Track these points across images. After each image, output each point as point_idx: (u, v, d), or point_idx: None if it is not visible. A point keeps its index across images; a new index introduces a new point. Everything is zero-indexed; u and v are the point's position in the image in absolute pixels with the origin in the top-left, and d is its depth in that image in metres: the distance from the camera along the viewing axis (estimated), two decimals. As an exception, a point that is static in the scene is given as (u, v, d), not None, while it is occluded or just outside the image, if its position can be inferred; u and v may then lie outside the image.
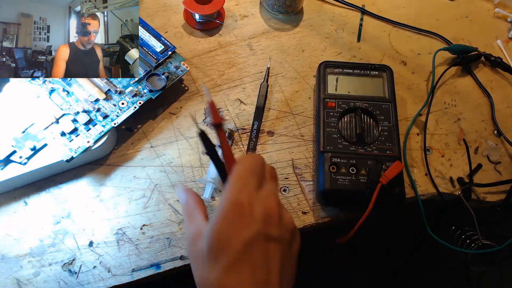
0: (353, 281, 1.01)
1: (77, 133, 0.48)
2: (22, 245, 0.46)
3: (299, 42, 0.62)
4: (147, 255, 0.46)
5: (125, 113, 0.50)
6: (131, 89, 0.52)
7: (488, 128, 0.56)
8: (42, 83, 0.51)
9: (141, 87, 0.52)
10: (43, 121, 0.49)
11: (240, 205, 0.29)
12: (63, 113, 0.49)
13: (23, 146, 0.47)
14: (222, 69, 0.59)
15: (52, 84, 0.51)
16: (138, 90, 0.52)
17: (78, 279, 0.45)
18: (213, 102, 0.35)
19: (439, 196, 0.51)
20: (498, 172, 0.53)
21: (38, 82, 0.51)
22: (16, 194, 0.48)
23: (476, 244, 0.49)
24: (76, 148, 0.47)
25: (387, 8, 0.67)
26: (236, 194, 0.30)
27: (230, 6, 0.65)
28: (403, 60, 0.62)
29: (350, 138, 0.49)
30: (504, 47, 0.63)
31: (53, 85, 0.51)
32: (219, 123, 0.35)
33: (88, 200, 0.49)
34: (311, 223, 0.48)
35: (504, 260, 0.53)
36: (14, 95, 0.51)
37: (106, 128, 0.49)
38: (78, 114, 0.49)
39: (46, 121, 0.49)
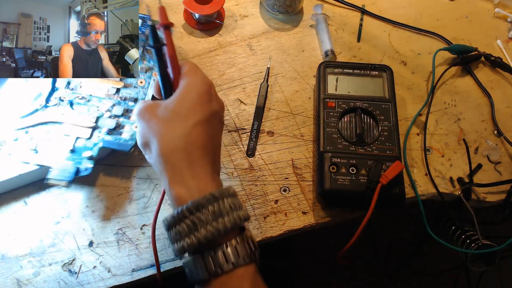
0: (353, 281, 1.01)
1: (122, 126, 0.50)
2: (22, 245, 0.46)
3: (299, 42, 0.62)
4: (147, 255, 0.46)
5: (150, 88, 0.52)
6: (140, 67, 0.53)
7: (488, 128, 0.56)
8: (58, 102, 0.50)
9: (146, 62, 0.53)
10: (83, 133, 0.49)
11: (209, 86, 0.40)
12: (96, 116, 0.50)
13: (81, 161, 0.47)
14: (222, 69, 0.59)
15: (65, 97, 0.51)
16: (146, 65, 0.53)
17: (78, 279, 0.45)
18: (164, 8, 0.40)
19: (439, 196, 0.51)
20: (498, 172, 0.53)
21: (53, 101, 0.50)
22: (16, 194, 0.48)
23: (476, 244, 0.49)
24: (130, 136, 0.49)
25: (387, 8, 0.67)
26: (205, 78, 0.40)
27: (230, 6, 0.65)
28: (403, 60, 0.62)
29: (350, 138, 0.49)
30: (504, 47, 0.63)
31: (67, 97, 0.51)
32: (167, 24, 0.40)
33: (88, 200, 0.49)
34: (311, 223, 0.48)
35: (504, 260, 0.53)
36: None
37: None
38: (112, 109, 0.50)
39: (86, 132, 0.49)
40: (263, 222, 0.48)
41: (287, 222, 0.48)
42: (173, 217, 0.35)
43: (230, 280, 0.34)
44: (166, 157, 0.37)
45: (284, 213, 0.49)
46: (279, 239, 0.49)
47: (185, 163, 0.36)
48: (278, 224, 0.48)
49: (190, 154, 0.37)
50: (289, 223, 0.48)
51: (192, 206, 0.34)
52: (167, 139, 0.37)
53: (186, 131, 0.37)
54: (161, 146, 0.37)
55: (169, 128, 0.38)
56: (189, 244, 0.34)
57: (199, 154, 0.37)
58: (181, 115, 0.38)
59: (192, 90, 0.39)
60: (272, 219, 0.49)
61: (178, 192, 0.36)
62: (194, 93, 0.39)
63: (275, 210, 0.49)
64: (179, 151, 0.37)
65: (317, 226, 0.49)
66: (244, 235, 0.36)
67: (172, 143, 0.37)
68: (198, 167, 0.37)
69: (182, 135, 0.37)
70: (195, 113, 0.38)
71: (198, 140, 0.37)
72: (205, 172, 0.37)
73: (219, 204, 0.35)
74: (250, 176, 0.51)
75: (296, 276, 0.97)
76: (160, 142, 0.37)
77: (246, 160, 0.52)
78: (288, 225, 0.48)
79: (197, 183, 0.36)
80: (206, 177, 0.37)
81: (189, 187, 0.36)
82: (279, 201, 0.50)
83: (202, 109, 0.38)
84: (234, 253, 0.34)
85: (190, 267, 0.35)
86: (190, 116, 0.38)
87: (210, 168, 0.38)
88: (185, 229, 0.34)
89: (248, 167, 0.52)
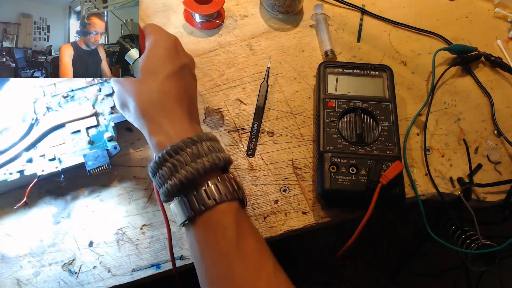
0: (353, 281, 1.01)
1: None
2: (22, 245, 0.46)
3: (299, 42, 0.62)
4: (147, 255, 0.46)
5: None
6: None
7: (488, 128, 0.56)
8: (46, 110, 0.50)
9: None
10: (90, 122, 0.50)
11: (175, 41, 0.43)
12: (90, 104, 0.50)
13: (105, 144, 0.49)
14: (222, 69, 0.59)
15: (50, 102, 0.51)
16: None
17: (78, 279, 0.45)
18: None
19: (439, 196, 0.51)
20: (498, 172, 0.53)
21: (42, 111, 0.50)
22: (16, 194, 0.48)
23: (476, 244, 0.49)
24: None
25: (387, 8, 0.67)
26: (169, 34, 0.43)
27: (230, 6, 0.65)
28: (403, 60, 0.62)
29: (350, 138, 0.49)
30: (504, 47, 0.63)
31: (52, 101, 0.51)
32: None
33: (88, 200, 0.49)
34: (311, 223, 0.48)
35: (504, 260, 0.53)
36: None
37: None
38: (101, 91, 0.51)
39: (92, 120, 0.50)
40: (263, 222, 0.48)
41: (287, 222, 0.48)
42: (155, 162, 0.37)
43: (213, 215, 0.36)
44: (143, 111, 0.39)
45: (284, 213, 0.49)
46: (279, 239, 0.49)
47: (162, 114, 0.39)
48: (278, 224, 0.48)
49: (165, 104, 0.39)
50: (289, 223, 0.48)
51: (172, 150, 0.36)
52: (141, 94, 0.39)
53: (158, 84, 0.39)
54: (137, 102, 0.39)
55: (142, 85, 0.40)
56: (172, 186, 0.36)
57: (174, 104, 0.39)
58: (150, 71, 0.40)
59: (158, 47, 0.41)
60: (272, 219, 0.49)
61: (158, 140, 0.38)
62: (161, 49, 0.41)
63: (275, 210, 0.49)
64: (154, 104, 0.39)
65: (317, 226, 0.49)
66: (225, 176, 0.38)
67: (146, 97, 0.39)
68: (175, 116, 0.39)
69: (155, 89, 0.39)
70: (165, 66, 0.40)
71: (171, 91, 0.40)
72: (182, 121, 0.39)
73: (197, 147, 0.37)
74: (250, 176, 0.51)
75: (296, 276, 0.97)
76: (136, 99, 0.39)
77: (246, 160, 0.52)
78: (288, 225, 0.48)
79: (175, 130, 0.38)
80: (184, 125, 0.39)
81: (168, 134, 0.38)
82: (279, 201, 0.50)
83: (170, 63, 0.41)
84: (216, 190, 0.36)
85: (177, 210, 0.37)
86: (160, 70, 0.40)
87: (186, 117, 0.40)
88: (167, 172, 0.36)
89: (248, 167, 0.52)
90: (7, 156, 0.47)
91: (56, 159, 0.47)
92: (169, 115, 0.39)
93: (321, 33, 0.62)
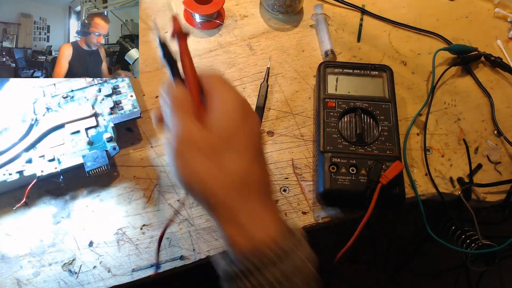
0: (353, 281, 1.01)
1: (119, 102, 0.51)
2: (22, 245, 0.46)
3: (299, 42, 0.62)
4: (147, 255, 0.46)
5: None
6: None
7: (488, 128, 0.56)
8: (46, 110, 0.51)
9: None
10: (89, 123, 0.50)
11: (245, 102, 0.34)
12: (90, 104, 0.51)
13: (105, 145, 0.49)
14: (222, 69, 0.59)
15: (50, 102, 0.51)
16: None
17: (78, 279, 0.45)
18: (177, 16, 0.36)
19: (439, 196, 0.51)
20: (498, 172, 0.53)
21: (42, 111, 0.50)
22: (15, 194, 0.48)
23: (476, 244, 0.49)
24: (132, 105, 0.51)
25: (387, 8, 0.67)
26: (238, 93, 0.34)
27: (230, 6, 0.65)
28: (403, 60, 0.62)
29: (350, 138, 0.49)
30: (504, 47, 0.63)
31: (52, 102, 0.51)
32: (180, 32, 0.35)
33: (88, 200, 0.49)
34: (311, 223, 0.48)
35: (504, 260, 0.53)
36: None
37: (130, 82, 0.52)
38: (100, 92, 0.51)
39: (91, 121, 0.50)
40: (263, 222, 0.48)
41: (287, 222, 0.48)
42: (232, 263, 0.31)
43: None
44: (217, 198, 0.32)
45: (284, 213, 0.49)
46: (279, 239, 0.49)
47: (241, 201, 0.32)
48: (278, 224, 0.48)
49: (245, 191, 0.32)
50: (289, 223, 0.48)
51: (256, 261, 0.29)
52: (216, 177, 0.32)
53: (239, 167, 0.32)
54: (209, 186, 0.32)
55: (215, 164, 0.32)
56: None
57: (256, 189, 0.32)
58: (226, 147, 0.32)
59: (230, 112, 0.33)
60: (272, 219, 0.48)
61: (235, 239, 0.31)
62: (235, 115, 0.33)
63: (275, 210, 0.49)
64: (232, 189, 0.32)
65: (317, 226, 0.49)
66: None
67: (222, 182, 0.32)
68: (256, 204, 0.32)
69: (234, 171, 0.32)
70: (242, 143, 0.33)
71: (254, 176, 0.32)
72: (264, 209, 0.32)
73: (288, 263, 0.30)
74: (250, 176, 0.51)
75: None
76: (209, 182, 0.32)
77: (246, 160, 0.52)
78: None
79: (255, 224, 0.31)
80: (266, 215, 0.32)
81: (245, 229, 0.31)
82: (279, 201, 0.50)
83: (249, 138, 0.33)
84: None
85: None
86: (238, 146, 0.32)
87: (269, 203, 0.33)
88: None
89: (248, 167, 0.52)
90: (6, 157, 0.46)
91: (56, 159, 0.47)
92: (247, 202, 0.32)
93: (321, 33, 0.62)
